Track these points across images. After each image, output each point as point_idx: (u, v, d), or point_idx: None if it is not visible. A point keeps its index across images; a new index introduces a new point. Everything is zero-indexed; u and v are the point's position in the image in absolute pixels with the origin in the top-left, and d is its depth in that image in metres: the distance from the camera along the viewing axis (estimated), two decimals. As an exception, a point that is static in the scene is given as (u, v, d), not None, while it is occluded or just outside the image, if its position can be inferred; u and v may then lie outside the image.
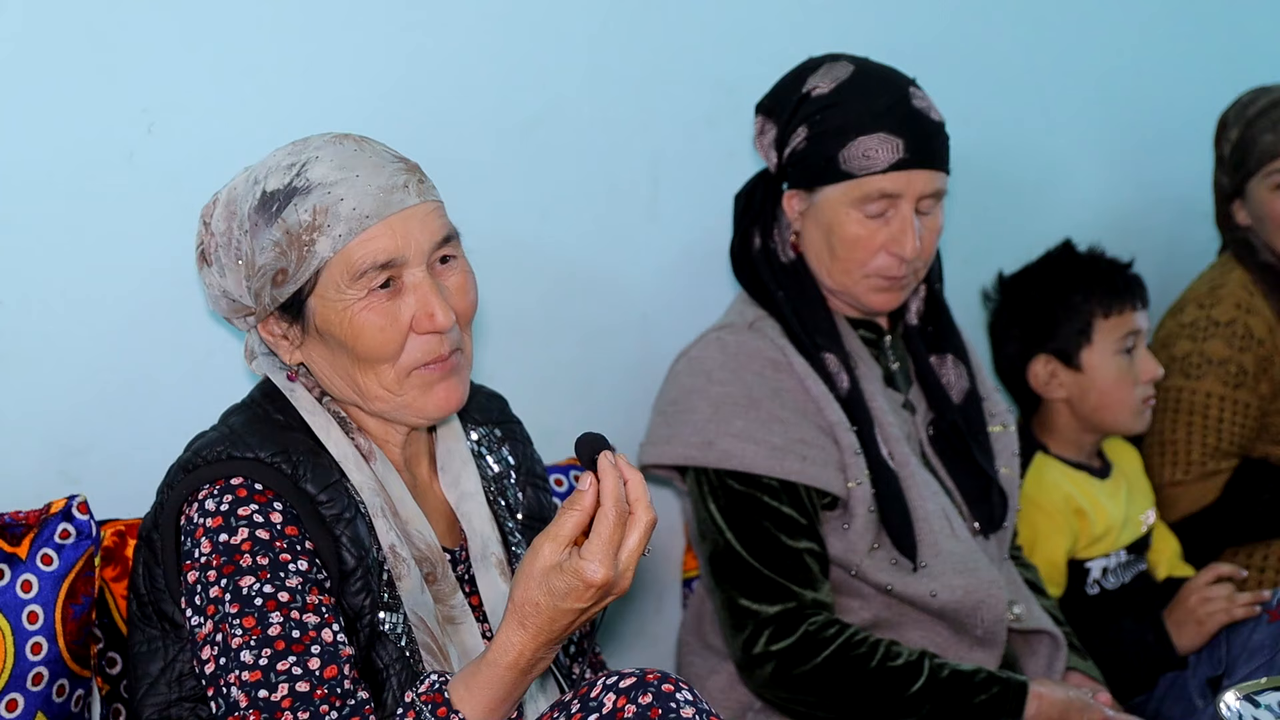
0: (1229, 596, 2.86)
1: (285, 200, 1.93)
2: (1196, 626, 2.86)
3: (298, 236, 1.92)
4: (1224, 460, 3.26)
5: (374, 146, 1.99)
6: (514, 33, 2.67)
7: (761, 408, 2.50)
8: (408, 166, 1.99)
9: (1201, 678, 2.88)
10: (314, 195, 1.92)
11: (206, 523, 1.90)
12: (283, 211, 1.93)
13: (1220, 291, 3.31)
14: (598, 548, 1.75)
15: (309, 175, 1.93)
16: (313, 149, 1.96)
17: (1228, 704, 1.99)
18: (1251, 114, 3.32)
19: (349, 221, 1.92)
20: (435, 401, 2.00)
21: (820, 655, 2.42)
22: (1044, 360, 3.08)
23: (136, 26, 2.26)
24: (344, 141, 1.98)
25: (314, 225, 1.92)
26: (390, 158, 1.98)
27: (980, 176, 3.28)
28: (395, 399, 2.00)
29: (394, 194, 1.94)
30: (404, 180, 1.96)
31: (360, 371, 1.98)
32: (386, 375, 1.98)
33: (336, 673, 1.85)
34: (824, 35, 2.77)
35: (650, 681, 1.81)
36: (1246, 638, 2.82)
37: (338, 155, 1.95)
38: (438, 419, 2.06)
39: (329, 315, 1.96)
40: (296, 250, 1.93)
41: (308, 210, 1.92)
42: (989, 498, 2.62)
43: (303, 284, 1.94)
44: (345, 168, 1.94)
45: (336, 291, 1.94)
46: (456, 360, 2.01)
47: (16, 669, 2.05)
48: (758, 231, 2.60)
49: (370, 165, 1.95)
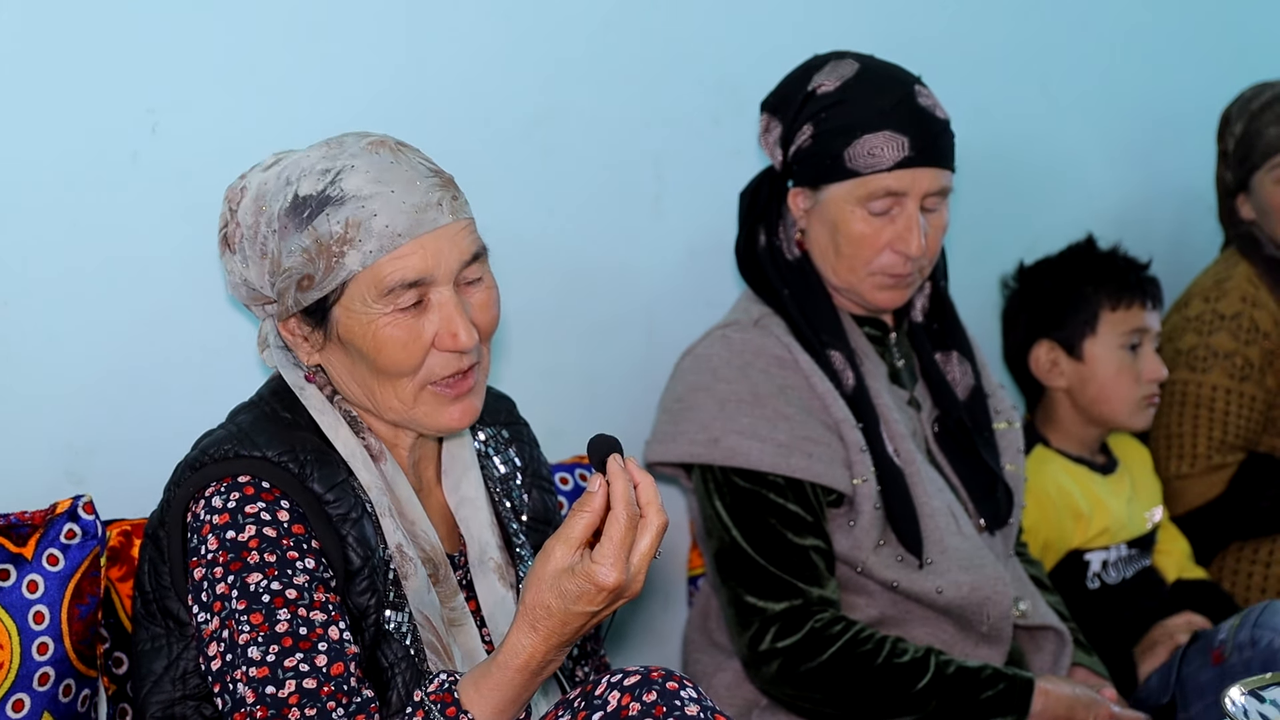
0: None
1: (318, 209, 1.92)
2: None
3: (328, 247, 1.92)
4: (1230, 454, 3.26)
5: (410, 158, 1.97)
6: (518, 31, 2.67)
7: (767, 405, 2.49)
8: (442, 181, 1.97)
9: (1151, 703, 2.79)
10: (347, 207, 1.91)
11: (213, 520, 1.91)
12: (314, 220, 1.92)
13: (1225, 285, 3.31)
14: (609, 551, 1.75)
15: (344, 185, 1.92)
16: (349, 155, 1.95)
17: (1233, 699, 1.98)
18: (1255, 108, 3.32)
19: (381, 238, 1.91)
20: (449, 418, 2.01)
21: (826, 652, 2.43)
22: (1047, 346, 3.08)
23: (140, 26, 2.26)
24: (380, 150, 1.96)
25: (345, 238, 1.91)
26: (426, 171, 1.97)
27: (986, 173, 3.28)
28: (409, 412, 2.00)
29: (427, 212, 1.93)
30: (438, 198, 1.95)
31: (378, 382, 1.99)
32: (404, 389, 1.98)
33: (343, 670, 1.86)
34: (829, 33, 2.76)
35: (655, 679, 1.81)
36: (1196, 671, 2.75)
37: (374, 166, 1.94)
38: (452, 432, 2.06)
39: (352, 326, 1.96)
40: (325, 260, 1.92)
41: (340, 222, 1.91)
42: (994, 494, 2.62)
43: (328, 293, 1.94)
44: (380, 181, 1.93)
45: (362, 305, 1.94)
46: (473, 379, 2.01)
47: (23, 669, 2.05)
48: (763, 229, 2.60)
49: (405, 180, 1.94)
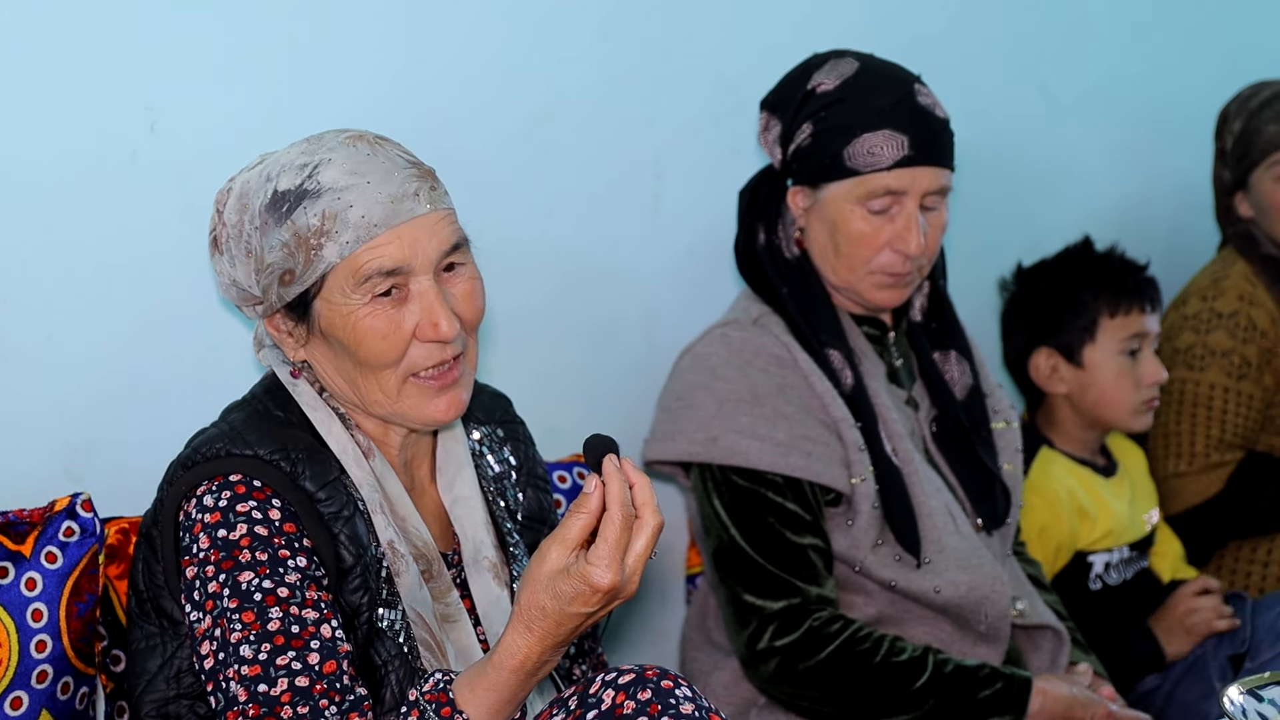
0: (1214, 607, 2.97)
1: (295, 202, 1.93)
2: (1185, 634, 2.98)
3: (306, 240, 1.92)
4: (1228, 452, 3.26)
5: (388, 150, 1.98)
6: (517, 30, 2.66)
7: (766, 404, 2.49)
8: (420, 173, 1.98)
9: (1222, 657, 2.91)
10: (324, 200, 1.92)
11: (205, 519, 1.91)
12: (292, 214, 1.93)
13: (1223, 284, 3.31)
14: (604, 552, 1.75)
15: (320, 178, 1.93)
16: (326, 149, 1.96)
17: (1231, 698, 1.99)
18: (1254, 106, 3.33)
19: (357, 229, 1.91)
20: (435, 411, 2.00)
21: (824, 651, 2.43)
22: (1046, 353, 3.08)
23: (139, 25, 2.26)
24: (358, 143, 1.97)
25: (322, 230, 1.92)
26: (403, 163, 1.97)
27: (985, 172, 3.28)
28: (394, 405, 2.00)
29: (404, 203, 1.93)
30: (415, 188, 1.95)
31: (362, 375, 1.99)
32: (388, 381, 1.98)
33: (336, 668, 1.86)
34: (828, 31, 2.76)
35: (649, 678, 1.81)
36: (1273, 621, 2.87)
37: (350, 159, 1.94)
38: (438, 425, 2.06)
39: (333, 319, 1.96)
40: (304, 253, 1.93)
41: (317, 215, 1.92)
42: (992, 494, 2.62)
43: (309, 286, 1.95)
44: (357, 173, 1.93)
45: (342, 296, 1.94)
46: (458, 370, 2.01)
47: (21, 667, 2.05)
48: (762, 228, 2.60)
49: (382, 171, 1.94)
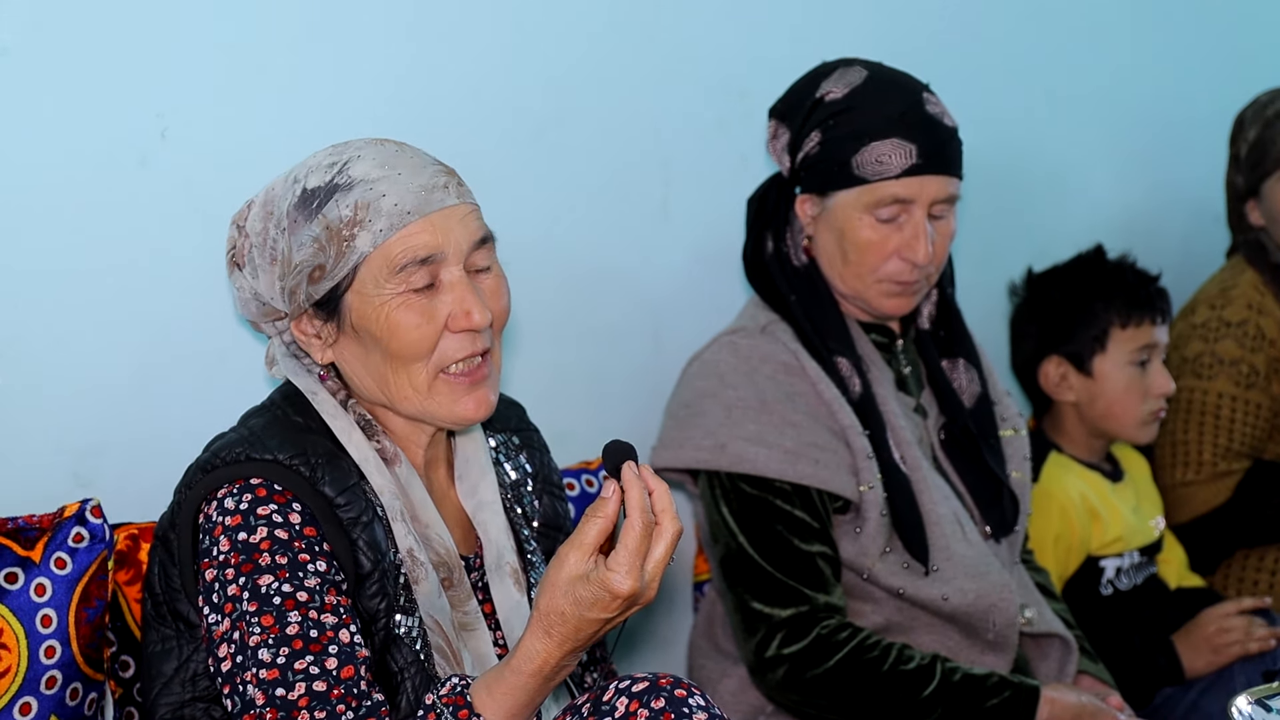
0: (1247, 628, 2.91)
1: (326, 196, 1.95)
2: (1212, 654, 2.91)
3: (338, 231, 1.94)
4: (1235, 461, 3.25)
5: (413, 150, 2.02)
6: (525, 36, 2.67)
7: (774, 411, 2.50)
8: (446, 170, 2.02)
9: (1252, 670, 2.87)
10: (356, 191, 1.95)
11: (225, 521, 1.91)
12: (324, 207, 1.95)
13: (1231, 292, 3.31)
14: (624, 558, 1.75)
15: (351, 173, 1.96)
16: (354, 149, 2.00)
17: (1239, 708, 1.99)
18: (1270, 114, 3.31)
19: (390, 217, 1.94)
20: (465, 409, 2.01)
21: (833, 659, 2.43)
22: (1056, 362, 3.08)
23: (150, 31, 2.26)
24: (384, 144, 2.01)
25: (355, 220, 1.94)
26: (429, 160, 2.02)
27: (993, 180, 3.28)
28: (424, 402, 2.01)
29: (434, 193, 1.97)
30: (444, 181, 1.99)
31: (392, 371, 1.99)
32: (418, 376, 1.99)
33: (353, 673, 1.86)
34: (837, 40, 2.76)
35: (663, 686, 1.81)
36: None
37: (379, 155, 1.98)
38: (468, 424, 2.06)
39: (365, 311, 1.97)
40: (336, 245, 1.95)
41: (349, 205, 1.94)
42: (1000, 502, 2.62)
43: (340, 279, 1.96)
44: (387, 165, 1.97)
45: (375, 287, 1.96)
46: (486, 369, 2.02)
47: (30, 673, 2.05)
48: (770, 235, 2.60)
49: (411, 165, 1.98)
